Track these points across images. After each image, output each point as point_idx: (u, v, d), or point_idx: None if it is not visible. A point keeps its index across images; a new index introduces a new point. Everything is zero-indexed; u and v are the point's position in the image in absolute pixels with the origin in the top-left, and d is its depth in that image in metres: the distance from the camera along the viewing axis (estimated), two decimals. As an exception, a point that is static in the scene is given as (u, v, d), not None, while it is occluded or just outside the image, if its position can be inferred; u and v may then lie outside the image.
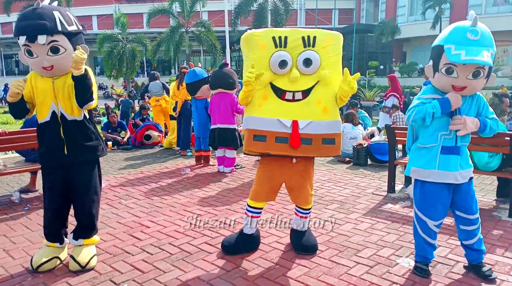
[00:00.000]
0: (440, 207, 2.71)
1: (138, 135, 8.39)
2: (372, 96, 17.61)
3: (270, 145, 2.82)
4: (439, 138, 2.62)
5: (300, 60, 2.82)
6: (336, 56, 2.91)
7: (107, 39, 23.33)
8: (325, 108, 2.86)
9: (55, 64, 2.65)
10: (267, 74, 2.84)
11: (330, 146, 2.88)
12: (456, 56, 2.37)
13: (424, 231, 2.78)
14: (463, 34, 2.41)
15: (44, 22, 2.53)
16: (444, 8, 29.09)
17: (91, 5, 41.74)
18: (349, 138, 7.01)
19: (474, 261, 2.81)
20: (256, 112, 2.85)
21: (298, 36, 2.82)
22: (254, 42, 2.87)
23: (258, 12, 24.98)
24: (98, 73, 44.02)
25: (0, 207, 4.38)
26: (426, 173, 2.68)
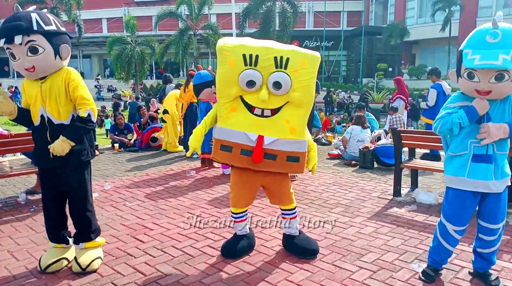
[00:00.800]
0: (462, 212, 2.63)
1: (145, 138, 8.43)
2: (380, 98, 17.50)
3: (234, 156, 2.85)
4: (469, 147, 2.53)
5: (271, 82, 2.75)
6: (309, 79, 2.82)
7: (116, 42, 23.53)
8: (293, 128, 2.86)
9: (36, 65, 2.66)
10: (236, 88, 2.80)
11: (294, 163, 2.92)
12: (470, 61, 2.30)
13: (442, 235, 2.72)
14: (482, 37, 2.33)
15: (20, 23, 2.55)
16: (453, 10, 28.89)
17: (101, 8, 42.16)
18: (356, 141, 6.98)
19: (480, 269, 2.75)
20: (224, 123, 2.87)
21: (270, 56, 2.72)
22: (224, 57, 2.78)
23: (265, 14, 25.01)
24: (107, 75, 44.47)
25: (7, 208, 4.43)
26: (455, 180, 2.60)
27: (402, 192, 4.94)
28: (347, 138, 7.13)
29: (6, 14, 12.39)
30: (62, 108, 2.76)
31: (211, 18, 34.01)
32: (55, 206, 2.95)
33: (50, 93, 2.74)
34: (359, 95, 25.08)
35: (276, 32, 26.19)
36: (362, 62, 35.23)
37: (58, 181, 2.89)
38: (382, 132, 7.80)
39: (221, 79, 2.83)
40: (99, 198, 4.80)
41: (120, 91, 30.46)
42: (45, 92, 2.74)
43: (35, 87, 2.77)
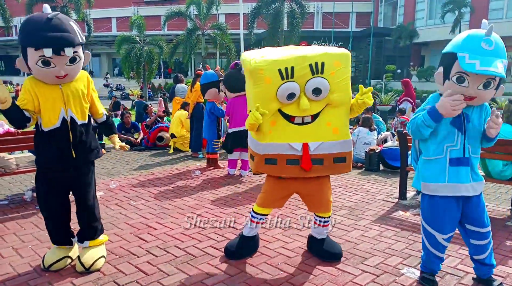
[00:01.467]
0: (449, 220, 2.61)
1: (151, 137, 8.46)
2: (388, 100, 17.40)
3: (282, 168, 2.82)
4: (445, 150, 2.52)
5: (309, 89, 2.72)
6: (345, 78, 2.80)
7: (125, 41, 23.66)
8: (336, 129, 2.83)
9: (69, 73, 2.68)
10: (275, 104, 2.76)
11: (341, 164, 2.88)
12: (471, 65, 2.28)
13: (432, 245, 2.69)
14: (478, 43, 2.32)
15: (69, 35, 2.56)
16: (464, 12, 28.63)
17: (110, 7, 42.43)
18: (363, 143, 6.93)
19: (483, 275, 2.73)
20: (267, 139, 2.81)
21: (306, 65, 2.69)
22: (259, 77, 2.72)
23: (274, 15, 24.98)
24: (116, 74, 44.74)
25: (13, 205, 4.47)
26: (435, 187, 2.57)
27: (407, 195, 4.90)
28: (354, 140, 7.08)
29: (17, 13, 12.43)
30: (84, 109, 2.85)
31: (219, 18, 34.09)
32: (63, 207, 2.96)
33: (74, 95, 2.77)
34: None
35: (284, 33, 26.16)
36: (371, 64, 35.00)
37: (68, 181, 2.89)
38: (389, 134, 7.74)
39: (259, 98, 2.77)
40: (105, 197, 4.83)
41: (129, 90, 30.66)
42: (67, 94, 2.75)
43: (54, 90, 2.71)
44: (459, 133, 2.49)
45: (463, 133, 2.49)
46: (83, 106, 2.85)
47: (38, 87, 2.70)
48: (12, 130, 4.27)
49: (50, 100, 2.71)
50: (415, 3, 36.17)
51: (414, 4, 36.20)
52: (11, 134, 4.22)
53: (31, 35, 2.54)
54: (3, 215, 4.13)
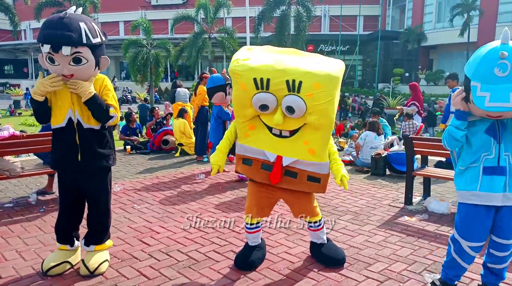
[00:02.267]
0: (477, 228, 2.51)
1: (156, 140, 8.48)
2: (395, 104, 17.30)
3: (254, 171, 2.83)
4: (481, 159, 2.44)
5: (284, 105, 2.62)
6: (325, 103, 2.59)
7: (132, 44, 23.79)
8: (312, 150, 2.75)
9: (75, 73, 2.68)
10: (251, 110, 2.73)
11: (315, 184, 2.83)
12: (480, 100, 2.18)
13: (457, 251, 2.59)
14: (491, 69, 2.16)
15: (70, 34, 2.53)
16: (472, 15, 28.42)
17: (118, 11, 42.80)
18: (369, 147, 6.88)
19: (489, 283, 2.66)
20: (244, 140, 2.85)
21: (282, 79, 2.55)
22: (235, 81, 2.71)
23: (280, 18, 25.00)
24: (123, 78, 45.04)
25: (17, 208, 4.48)
26: (467, 195, 2.50)
27: (414, 200, 4.84)
28: (361, 144, 7.04)
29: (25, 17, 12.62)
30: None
31: (226, 22, 34.19)
32: (74, 208, 2.97)
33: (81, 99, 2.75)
34: (366, 100, 24.85)
35: (291, 36, 26.15)
36: (378, 67, 34.87)
37: (78, 183, 2.91)
38: (396, 138, 7.68)
39: (235, 100, 2.81)
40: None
41: (135, 93, 30.82)
42: (75, 96, 2.75)
43: (64, 89, 2.75)
44: (494, 141, 2.39)
45: (498, 142, 2.39)
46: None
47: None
48: (18, 134, 4.29)
49: (60, 98, 2.77)
50: (423, 6, 36.00)
51: (422, 7, 36.03)
52: (16, 137, 4.24)
53: (41, 31, 2.63)
54: (8, 217, 4.15)
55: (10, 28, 27.27)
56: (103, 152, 2.89)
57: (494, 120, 2.38)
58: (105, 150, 2.90)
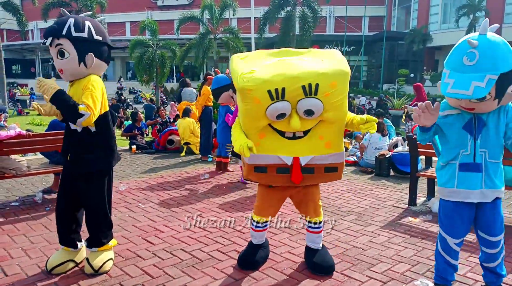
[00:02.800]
0: (459, 224, 2.55)
1: (161, 140, 8.52)
2: (400, 105, 17.25)
3: (271, 176, 2.76)
4: (459, 156, 2.46)
5: (301, 109, 2.57)
6: (341, 98, 2.64)
7: (138, 45, 23.91)
8: (328, 143, 2.73)
9: (63, 69, 2.74)
10: (264, 121, 2.64)
11: (332, 174, 2.83)
12: (444, 86, 2.26)
13: (444, 249, 2.62)
14: (460, 57, 2.24)
15: (54, 26, 2.70)
16: (478, 16, 28.29)
17: (124, 12, 43.01)
18: (374, 148, 6.87)
19: (491, 283, 2.65)
20: (254, 151, 2.62)
21: (298, 86, 2.50)
22: (248, 96, 2.57)
23: (285, 19, 25.00)
24: (129, 78, 45.24)
25: (24, 206, 4.53)
26: (446, 192, 2.54)
27: (417, 201, 4.83)
28: (365, 145, 7.03)
29: (32, 17, 12.76)
30: None
31: (231, 22, 34.25)
32: (66, 209, 2.96)
33: (73, 97, 2.73)
34: (371, 101, 24.77)
35: (296, 37, 26.13)
36: (383, 68, 34.81)
37: (72, 185, 2.91)
38: (400, 139, 7.66)
39: (246, 114, 2.67)
40: (113, 199, 4.84)
41: (141, 93, 30.96)
42: (71, 95, 2.76)
43: (67, 88, 2.85)
44: (470, 138, 2.42)
45: (474, 138, 2.41)
46: None
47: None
48: (24, 133, 4.34)
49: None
50: (428, 7, 35.87)
51: (427, 8, 35.90)
52: (23, 136, 4.28)
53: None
54: (14, 216, 4.19)
55: (18, 28, 27.51)
56: (85, 156, 2.80)
57: (471, 116, 2.38)
58: (87, 154, 2.80)
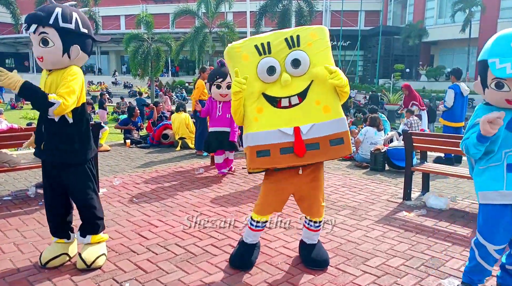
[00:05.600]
0: (502, 229, 2.44)
1: (156, 134, 8.47)
2: (396, 99, 17.27)
3: (275, 158, 2.66)
4: (503, 157, 2.35)
5: (288, 62, 2.68)
6: (324, 50, 2.75)
7: (133, 38, 23.72)
8: (326, 107, 2.69)
9: (44, 56, 2.69)
10: (257, 84, 2.70)
11: (339, 146, 2.70)
12: (501, 70, 2.15)
13: (482, 256, 2.51)
14: (507, 44, 2.19)
15: (40, 13, 2.63)
16: (474, 11, 28.30)
17: (119, 5, 42.66)
18: (369, 143, 6.87)
19: (505, 285, 2.61)
20: (254, 127, 2.67)
21: (281, 39, 2.70)
22: (237, 55, 2.73)
23: (282, 13, 24.88)
24: (124, 72, 44.98)
25: (16, 201, 4.49)
26: (493, 195, 2.40)
27: (412, 195, 4.84)
28: (361, 139, 7.03)
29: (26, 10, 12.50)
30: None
31: (227, 16, 34.07)
32: (54, 199, 2.94)
33: (50, 88, 2.74)
34: (367, 96, 24.75)
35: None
36: (379, 63, 34.81)
37: (54, 174, 2.88)
38: (395, 134, 7.67)
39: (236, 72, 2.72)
40: (107, 194, 4.83)
41: (136, 87, 30.75)
42: (47, 85, 2.76)
43: (44, 76, 2.82)
44: None
45: None
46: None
47: (43, 72, 2.86)
48: (16, 127, 4.29)
49: (41, 84, 2.81)
50: (424, 1, 35.87)
51: (423, 2, 35.89)
52: (14, 130, 4.23)
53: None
54: (6, 210, 4.15)
55: (11, 21, 27.21)
56: (62, 147, 2.76)
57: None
58: (64, 145, 2.77)
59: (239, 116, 2.76)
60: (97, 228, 3.01)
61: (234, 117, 2.79)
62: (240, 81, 2.62)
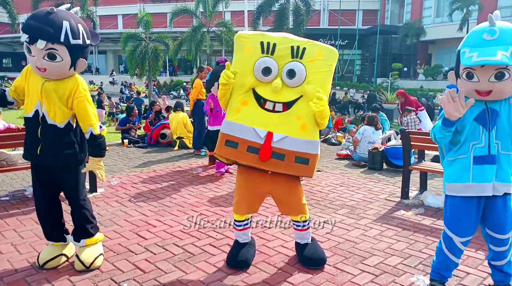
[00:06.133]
0: (467, 222, 2.46)
1: (154, 134, 8.46)
2: (393, 99, 17.29)
3: (240, 153, 2.73)
4: (470, 149, 2.37)
5: (285, 71, 2.70)
6: (324, 72, 2.74)
7: (130, 38, 23.67)
8: (304, 126, 2.72)
9: (48, 68, 2.64)
10: (250, 79, 2.73)
11: (303, 166, 2.73)
12: (468, 59, 2.20)
13: (449, 248, 2.53)
14: (479, 35, 2.25)
15: (49, 29, 2.52)
16: (472, 10, 28.35)
17: (116, 5, 42.55)
18: (367, 142, 6.88)
19: (500, 282, 2.61)
20: (234, 117, 2.75)
21: (288, 45, 2.71)
22: (242, 44, 2.79)
23: (279, 12, 24.87)
24: (122, 71, 44.86)
25: (14, 201, 4.48)
26: (459, 187, 2.42)
27: (410, 194, 4.85)
28: (359, 139, 7.04)
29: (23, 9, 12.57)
30: (59, 111, 2.72)
31: (225, 16, 34.02)
32: (46, 203, 2.92)
33: (50, 95, 2.70)
34: (365, 95, 24.77)
35: (289, 30, 26.02)
36: (377, 62, 34.84)
37: (48, 177, 2.86)
38: (393, 133, 7.68)
39: (236, 66, 2.79)
40: (105, 194, 4.83)
41: (134, 87, 30.67)
42: (46, 91, 2.71)
43: (38, 81, 2.74)
44: (483, 129, 2.34)
45: (488, 130, 2.34)
46: (62, 110, 2.72)
47: (32, 74, 2.78)
48: (13, 127, 4.28)
49: (33, 89, 2.76)
50: (422, 0, 35.91)
51: (421, 1, 35.93)
52: (11, 130, 4.22)
53: (26, 20, 2.65)
54: (4, 211, 4.14)
55: (8, 21, 27.10)
56: (64, 151, 2.78)
57: (484, 107, 2.33)
58: (67, 150, 2.80)
59: (224, 102, 2.84)
60: (89, 231, 2.97)
61: (220, 101, 2.86)
62: (229, 75, 2.68)
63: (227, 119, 2.80)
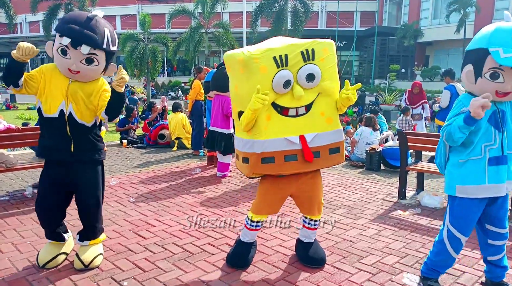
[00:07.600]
0: (474, 222, 2.49)
1: (152, 134, 8.49)
2: (391, 100, 17.36)
3: (279, 166, 2.73)
4: (483, 150, 2.36)
5: (302, 76, 2.70)
6: (333, 66, 2.84)
7: (129, 38, 23.69)
8: (329, 119, 2.82)
9: (82, 72, 2.70)
10: (270, 95, 2.69)
11: (336, 155, 2.87)
12: (508, 59, 2.16)
13: (455, 248, 2.54)
14: (509, 36, 2.21)
15: (95, 36, 2.62)
16: (469, 11, 28.48)
17: (115, 5, 42.52)
18: (365, 143, 6.92)
19: (496, 278, 2.65)
20: (264, 135, 2.69)
21: (297, 52, 2.71)
22: (255, 65, 2.65)
23: (277, 13, 24.92)
24: (120, 72, 44.80)
25: (13, 201, 4.50)
26: (474, 189, 2.40)
27: (407, 194, 4.89)
28: (357, 139, 7.08)
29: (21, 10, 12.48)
30: (87, 112, 2.81)
31: (223, 16, 34.06)
32: (56, 206, 2.92)
33: (79, 94, 2.75)
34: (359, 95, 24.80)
35: (287, 32, 26.06)
36: (375, 63, 34.94)
37: (67, 177, 2.86)
38: (390, 134, 7.73)
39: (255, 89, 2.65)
40: (105, 194, 4.83)
41: (131, 87, 30.65)
42: (73, 91, 2.75)
43: (63, 81, 2.76)
44: (496, 131, 2.35)
45: (501, 131, 2.36)
46: (88, 110, 2.82)
47: (54, 73, 2.78)
48: (13, 127, 4.30)
49: (56, 89, 2.76)
50: (420, 2, 36.04)
51: (419, 3, 36.06)
52: (12, 131, 4.24)
53: (63, 22, 2.69)
54: (4, 210, 4.16)
55: (5, 21, 27.07)
56: (95, 145, 2.92)
57: (494, 108, 2.34)
58: (97, 144, 2.94)
59: (249, 126, 2.74)
60: (98, 232, 3.03)
61: (244, 127, 2.75)
62: (264, 98, 2.58)
63: (257, 139, 2.73)
